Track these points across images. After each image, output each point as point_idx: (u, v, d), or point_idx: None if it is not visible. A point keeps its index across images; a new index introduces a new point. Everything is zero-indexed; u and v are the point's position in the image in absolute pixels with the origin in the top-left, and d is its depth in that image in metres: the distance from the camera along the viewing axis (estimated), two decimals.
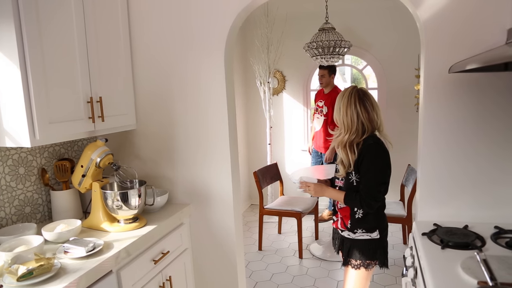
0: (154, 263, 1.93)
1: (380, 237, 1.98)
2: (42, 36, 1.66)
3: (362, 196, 1.90)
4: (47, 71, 1.68)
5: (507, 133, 1.83)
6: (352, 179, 1.96)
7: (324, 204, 4.92)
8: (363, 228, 1.97)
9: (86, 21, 1.89)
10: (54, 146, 2.14)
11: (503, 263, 1.41)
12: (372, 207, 1.91)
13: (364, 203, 1.90)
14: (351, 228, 2.00)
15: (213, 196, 2.30)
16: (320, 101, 4.43)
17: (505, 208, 1.87)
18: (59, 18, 1.75)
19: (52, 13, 1.71)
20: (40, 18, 1.65)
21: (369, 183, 1.90)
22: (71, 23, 1.81)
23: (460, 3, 1.79)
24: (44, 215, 2.09)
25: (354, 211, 1.98)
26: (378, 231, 1.97)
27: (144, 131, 2.36)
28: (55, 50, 1.72)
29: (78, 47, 1.85)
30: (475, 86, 1.83)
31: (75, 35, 1.83)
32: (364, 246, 1.99)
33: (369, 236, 1.97)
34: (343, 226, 2.04)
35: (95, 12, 1.95)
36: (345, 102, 1.96)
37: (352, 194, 1.95)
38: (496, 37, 1.74)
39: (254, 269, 3.50)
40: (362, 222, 1.97)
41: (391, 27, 4.51)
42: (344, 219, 2.03)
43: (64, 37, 1.78)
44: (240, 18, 2.17)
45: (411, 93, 4.53)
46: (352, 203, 1.96)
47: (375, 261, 2.00)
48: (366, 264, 1.99)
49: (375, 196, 1.90)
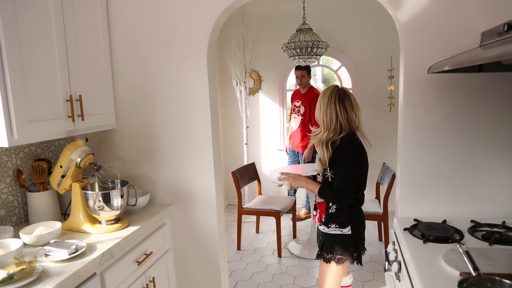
0: (137, 264, 1.90)
1: (352, 233, 2.03)
2: (20, 34, 1.59)
3: (334, 192, 1.96)
4: (25, 69, 1.62)
5: (478, 134, 1.92)
6: (327, 175, 2.03)
7: (301, 203, 4.97)
8: (336, 223, 2.03)
9: (65, 19, 1.83)
10: (30, 146, 2.06)
11: (481, 255, 1.48)
12: (343, 203, 1.97)
13: (335, 198, 1.96)
14: (325, 222, 2.07)
15: (196, 196, 2.29)
16: (297, 101, 4.48)
17: (479, 203, 1.96)
18: (37, 16, 1.68)
19: (30, 10, 1.65)
20: (17, 15, 1.58)
21: (341, 179, 1.96)
22: (50, 20, 1.75)
23: (438, 6, 1.86)
24: (20, 218, 2.01)
25: (329, 206, 2.05)
26: (350, 227, 2.03)
27: (125, 131, 2.31)
28: (33, 48, 1.66)
29: (56, 45, 1.78)
30: (450, 87, 1.91)
31: (53, 33, 1.77)
32: (335, 240, 2.04)
33: (341, 232, 2.03)
34: (319, 220, 2.12)
35: (74, 10, 1.90)
36: (325, 101, 2.01)
37: (326, 188, 2.01)
38: (471, 39, 1.83)
39: (234, 269, 3.50)
40: (335, 217, 2.03)
41: (366, 29, 4.61)
42: (321, 213, 2.10)
43: (43, 35, 1.72)
44: (223, 17, 2.17)
45: (384, 93, 4.65)
46: (325, 197, 2.02)
47: (347, 256, 2.05)
48: (336, 259, 2.05)
49: (346, 192, 1.95)
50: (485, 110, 1.90)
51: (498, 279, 1.16)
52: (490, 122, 1.90)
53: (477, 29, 1.81)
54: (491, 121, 1.90)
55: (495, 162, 1.92)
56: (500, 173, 1.93)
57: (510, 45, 1.16)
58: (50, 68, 1.76)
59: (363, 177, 2.04)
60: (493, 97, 1.88)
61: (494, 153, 1.92)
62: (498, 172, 1.93)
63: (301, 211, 4.85)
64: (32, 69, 1.66)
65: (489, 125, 1.90)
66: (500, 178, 1.93)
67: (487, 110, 1.90)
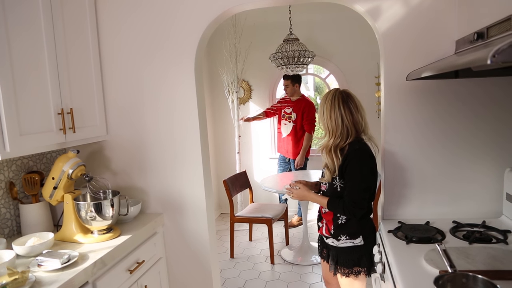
0: (129, 272, 1.93)
1: (365, 243, 1.93)
2: (11, 48, 1.65)
3: (345, 203, 1.86)
4: (17, 83, 1.67)
5: (457, 137, 1.99)
6: (336, 184, 1.92)
7: (293, 210, 5.02)
8: (346, 234, 1.93)
9: (55, 33, 1.88)
10: (22, 158, 2.10)
11: (461, 253, 1.54)
12: (356, 215, 1.87)
13: (348, 210, 1.86)
14: (335, 234, 1.96)
15: (186, 205, 2.33)
16: (288, 108, 4.54)
17: (461, 204, 2.02)
18: (27, 30, 1.74)
19: (20, 24, 1.70)
20: (8, 31, 1.63)
21: (353, 189, 1.86)
22: (40, 35, 1.81)
23: (414, 17, 1.94)
24: (12, 230, 2.04)
25: (337, 217, 1.95)
26: (361, 237, 1.93)
27: (116, 142, 2.36)
28: (24, 63, 1.71)
29: (48, 59, 1.84)
30: (428, 92, 1.98)
31: (44, 47, 1.83)
32: (349, 253, 1.94)
33: (353, 243, 1.93)
34: (327, 232, 2.01)
35: (64, 25, 1.96)
36: (329, 105, 1.91)
37: (336, 200, 1.90)
38: (447, 47, 1.91)
39: (227, 277, 3.52)
40: (345, 228, 1.93)
41: (351, 37, 4.72)
42: (328, 224, 2.00)
43: (34, 50, 1.77)
44: (209, 30, 2.23)
45: (372, 100, 4.74)
46: (336, 210, 1.92)
47: (363, 268, 1.94)
48: (354, 272, 1.95)
49: (359, 203, 1.85)
50: (463, 114, 1.96)
51: (471, 274, 1.21)
52: (468, 125, 1.97)
53: (452, 37, 1.90)
54: (469, 125, 1.97)
55: (475, 163, 1.99)
56: (481, 174, 1.99)
57: (477, 53, 1.23)
58: (41, 82, 1.81)
59: (375, 185, 1.93)
60: (470, 101, 1.95)
61: (473, 155, 1.99)
62: (478, 173, 1.99)
63: (293, 218, 4.89)
64: (23, 83, 1.70)
65: (467, 128, 1.97)
66: (481, 179, 2.00)
67: (465, 114, 1.96)
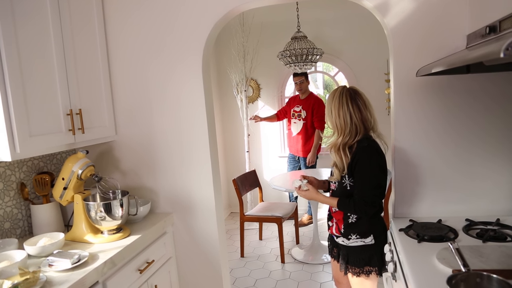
0: (139, 272, 1.93)
1: (376, 243, 1.90)
2: (20, 51, 1.66)
3: (356, 202, 1.83)
4: (26, 84, 1.68)
5: (469, 134, 1.95)
6: (345, 183, 1.90)
7: (303, 208, 5.00)
8: (356, 233, 1.90)
9: (63, 35, 1.90)
10: (33, 159, 2.12)
11: (474, 252, 1.51)
12: (367, 213, 1.84)
13: (359, 209, 1.83)
14: (345, 233, 1.94)
15: (196, 204, 2.33)
16: (297, 106, 4.52)
17: (474, 202, 1.98)
18: (36, 32, 1.75)
19: (29, 26, 1.72)
20: (17, 32, 1.65)
21: (363, 187, 1.83)
22: (49, 36, 1.82)
23: (424, 11, 1.91)
24: (24, 230, 2.06)
25: (347, 215, 1.93)
26: (372, 236, 1.90)
27: (124, 142, 2.37)
28: (33, 64, 1.73)
29: (56, 61, 1.85)
30: (439, 88, 1.95)
31: (53, 49, 1.84)
32: (359, 253, 1.92)
33: (363, 242, 1.90)
34: (337, 231, 1.99)
35: (72, 26, 1.97)
36: (337, 103, 1.89)
37: (345, 200, 1.88)
38: (458, 42, 1.87)
39: (237, 276, 3.52)
40: (355, 227, 1.91)
41: (360, 34, 4.67)
42: (338, 223, 1.98)
43: (42, 51, 1.79)
44: (217, 28, 2.23)
45: (382, 97, 4.69)
46: (346, 210, 1.90)
47: (374, 267, 1.91)
48: (365, 271, 1.92)
49: (370, 201, 1.82)
50: (475, 110, 1.93)
51: (486, 274, 1.19)
52: (480, 122, 1.93)
53: (463, 31, 1.86)
54: (481, 121, 1.93)
55: (488, 160, 1.95)
56: (494, 171, 1.95)
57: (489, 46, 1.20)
58: (50, 84, 1.82)
59: (385, 183, 1.88)
60: (482, 97, 1.91)
61: (486, 152, 1.95)
62: (491, 170, 1.95)
63: (303, 216, 4.87)
64: (32, 85, 1.72)
65: (479, 125, 1.93)
66: (494, 176, 1.95)
67: (477, 110, 1.93)
